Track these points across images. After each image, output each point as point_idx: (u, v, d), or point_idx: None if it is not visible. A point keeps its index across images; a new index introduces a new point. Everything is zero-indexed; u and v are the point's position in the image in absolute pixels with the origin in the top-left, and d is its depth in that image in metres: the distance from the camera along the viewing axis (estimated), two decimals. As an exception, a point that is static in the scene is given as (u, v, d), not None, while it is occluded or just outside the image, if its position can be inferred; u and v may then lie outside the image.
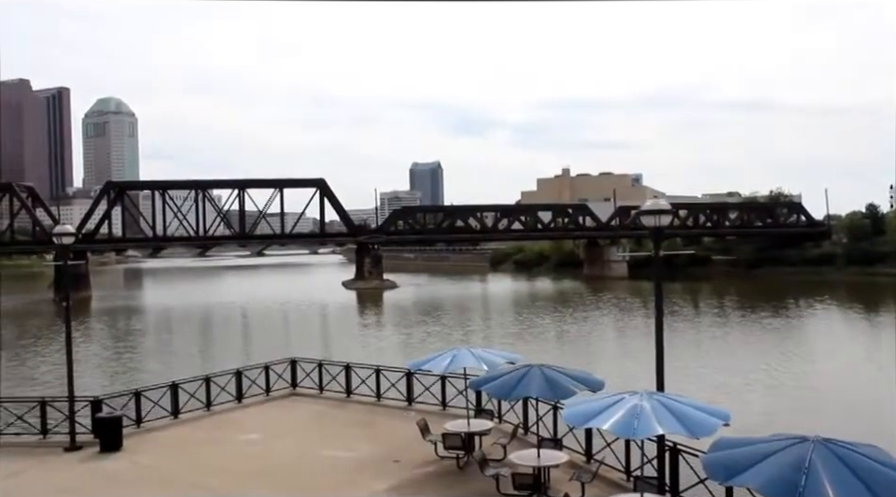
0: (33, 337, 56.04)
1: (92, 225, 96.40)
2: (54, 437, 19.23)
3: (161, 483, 16.21)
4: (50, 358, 44.63)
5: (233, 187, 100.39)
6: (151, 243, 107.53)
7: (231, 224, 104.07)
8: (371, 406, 22.08)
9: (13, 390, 32.36)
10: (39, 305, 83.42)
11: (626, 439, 13.56)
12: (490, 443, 17.07)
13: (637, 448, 14.02)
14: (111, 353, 47.57)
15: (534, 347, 42.58)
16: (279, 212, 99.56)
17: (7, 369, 43.53)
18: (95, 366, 40.79)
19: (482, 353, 16.88)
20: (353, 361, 24.23)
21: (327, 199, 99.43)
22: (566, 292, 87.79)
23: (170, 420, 20.69)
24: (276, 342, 48.50)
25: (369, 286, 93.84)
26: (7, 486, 16.28)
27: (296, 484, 16.00)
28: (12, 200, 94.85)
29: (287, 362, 24.19)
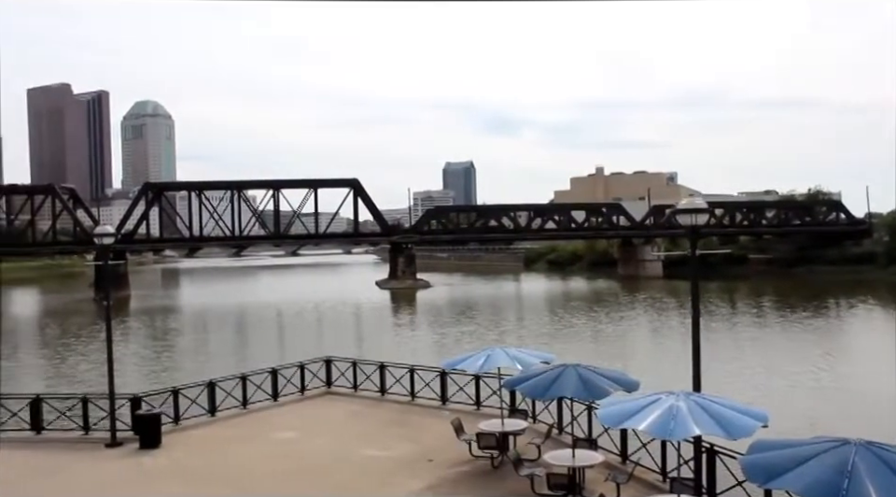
0: (74, 336, 57.09)
1: (131, 226, 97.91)
2: (96, 433, 19.57)
3: (198, 480, 16.42)
4: (91, 356, 45.49)
5: (268, 187, 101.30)
6: (188, 243, 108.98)
7: (265, 224, 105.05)
8: (405, 406, 22.15)
9: (56, 387, 33.07)
10: (80, 304, 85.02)
11: (662, 440, 13.43)
12: (524, 443, 17.03)
13: (673, 449, 13.87)
14: (149, 352, 48.31)
15: (568, 347, 42.37)
16: (313, 212, 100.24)
17: (50, 366, 44.52)
18: (134, 364, 41.43)
19: (516, 353, 16.84)
20: (387, 360, 24.31)
21: (360, 199, 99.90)
22: (600, 292, 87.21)
23: (207, 418, 20.95)
24: (311, 341, 48.91)
25: (402, 285, 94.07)
26: (53, 479, 16.65)
27: (331, 482, 16.11)
28: (54, 201, 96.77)
29: (322, 362, 24.36)
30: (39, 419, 19.92)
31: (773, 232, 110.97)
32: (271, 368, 23.32)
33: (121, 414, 19.59)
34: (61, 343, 54.68)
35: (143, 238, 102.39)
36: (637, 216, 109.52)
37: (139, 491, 15.98)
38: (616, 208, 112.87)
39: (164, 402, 20.41)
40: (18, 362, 46.81)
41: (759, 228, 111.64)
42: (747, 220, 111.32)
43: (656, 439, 12.99)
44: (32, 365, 45.48)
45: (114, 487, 16.22)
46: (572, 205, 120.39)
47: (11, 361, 47.38)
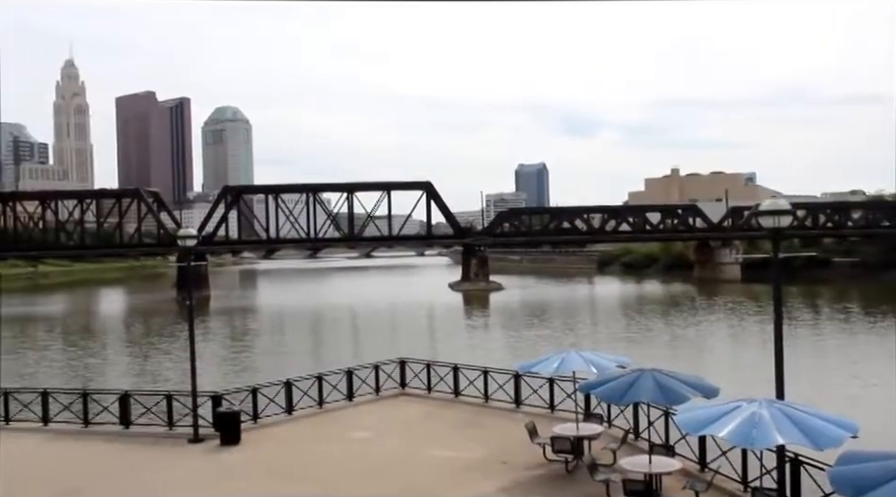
0: (157, 334, 59.15)
1: (211, 228, 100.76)
2: (179, 429, 20.22)
3: (277, 477, 16.80)
4: (173, 354, 47.05)
5: (342, 190, 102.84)
6: (265, 245, 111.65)
7: (340, 226, 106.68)
8: (478, 407, 22.15)
9: (142, 384, 34.35)
10: (163, 304, 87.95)
11: (743, 448, 13.07)
12: (599, 447, 16.84)
13: (754, 458, 13.49)
14: (228, 351, 49.62)
15: (643, 351, 41.65)
16: (387, 214, 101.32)
17: (136, 363, 46.25)
18: (214, 363, 42.58)
19: (591, 356, 16.67)
20: (460, 362, 24.36)
21: (433, 201, 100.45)
22: (676, 295, 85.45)
23: (284, 417, 21.38)
24: (385, 342, 49.38)
25: (475, 288, 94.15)
26: (140, 472, 17.30)
27: (405, 482, 16.25)
28: (140, 205, 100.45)
29: (397, 363, 24.57)
30: (128, 415, 20.71)
31: (859, 233, 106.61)
32: (346, 369, 23.65)
33: (203, 411, 20.17)
34: (145, 341, 56.77)
35: (222, 240, 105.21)
36: (714, 217, 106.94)
37: (221, 486, 16.45)
38: (692, 210, 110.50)
39: (244, 400, 20.93)
40: (105, 360, 48.85)
41: (844, 230, 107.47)
42: (831, 222, 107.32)
43: (737, 447, 12.66)
44: (118, 363, 47.35)
45: (197, 481, 16.74)
46: (647, 207, 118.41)
47: (99, 358, 49.49)
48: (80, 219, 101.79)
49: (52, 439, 20.35)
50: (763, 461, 12.69)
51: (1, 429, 21.21)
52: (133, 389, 23.61)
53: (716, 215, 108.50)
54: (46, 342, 59.51)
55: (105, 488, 16.48)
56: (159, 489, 16.37)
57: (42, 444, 20.00)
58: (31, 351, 52.61)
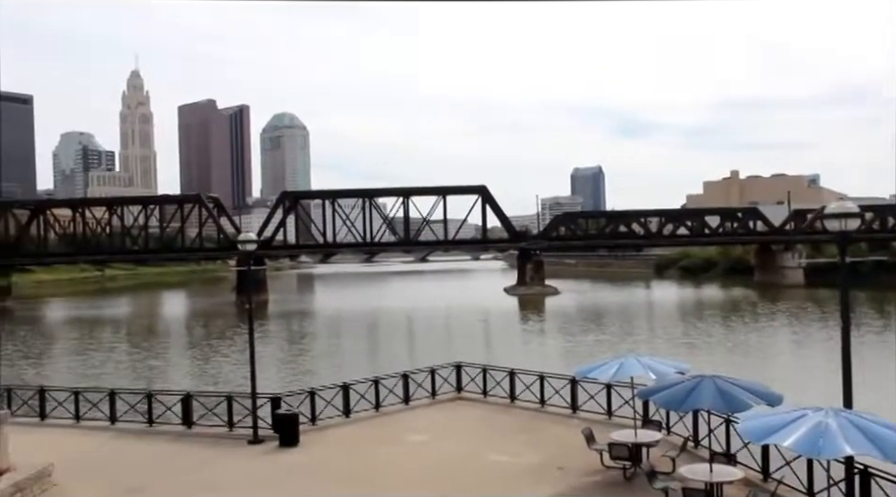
0: (217, 337, 60.37)
1: (269, 232, 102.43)
2: (239, 430, 20.57)
3: (334, 478, 16.97)
4: (232, 356, 47.98)
5: (398, 195, 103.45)
6: (322, 249, 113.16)
7: (396, 231, 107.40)
8: (534, 412, 22.03)
9: (202, 385, 35.10)
10: (223, 307, 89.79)
11: (809, 458, 12.71)
12: (658, 455, 16.57)
13: (821, 469, 13.11)
14: (286, 354, 50.35)
15: (703, 357, 40.95)
16: (442, 219, 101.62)
17: (196, 365, 47.29)
18: (273, 366, 43.24)
19: (649, 362, 16.42)
20: (516, 366, 24.26)
21: (488, 205, 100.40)
22: (736, 300, 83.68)
23: (342, 419, 21.58)
24: (440, 346, 49.52)
25: (530, 292, 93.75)
26: (202, 472, 17.69)
27: (460, 486, 16.25)
28: (201, 210, 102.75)
29: (453, 367, 24.59)
30: (190, 415, 21.18)
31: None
32: (402, 372, 23.78)
33: (262, 413, 20.50)
34: (206, 343, 58.01)
35: (280, 245, 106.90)
36: (776, 221, 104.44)
37: (280, 487, 16.69)
38: (753, 213, 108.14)
39: (302, 402, 21.20)
40: (168, 361, 50.09)
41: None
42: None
43: (802, 457, 12.32)
44: (180, 364, 48.49)
45: (256, 482, 17.02)
46: (706, 210, 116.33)
47: (162, 359, 50.76)
48: (145, 224, 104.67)
49: (119, 437, 20.94)
50: (830, 472, 12.33)
51: (72, 427, 21.94)
52: (194, 390, 24.13)
53: (777, 218, 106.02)
54: (112, 343, 61.32)
55: (169, 486, 16.87)
56: (220, 488, 16.68)
57: (109, 442, 20.59)
58: (98, 352, 54.26)
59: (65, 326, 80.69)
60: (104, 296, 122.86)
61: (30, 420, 22.20)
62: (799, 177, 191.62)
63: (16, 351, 56.41)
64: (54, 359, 52.98)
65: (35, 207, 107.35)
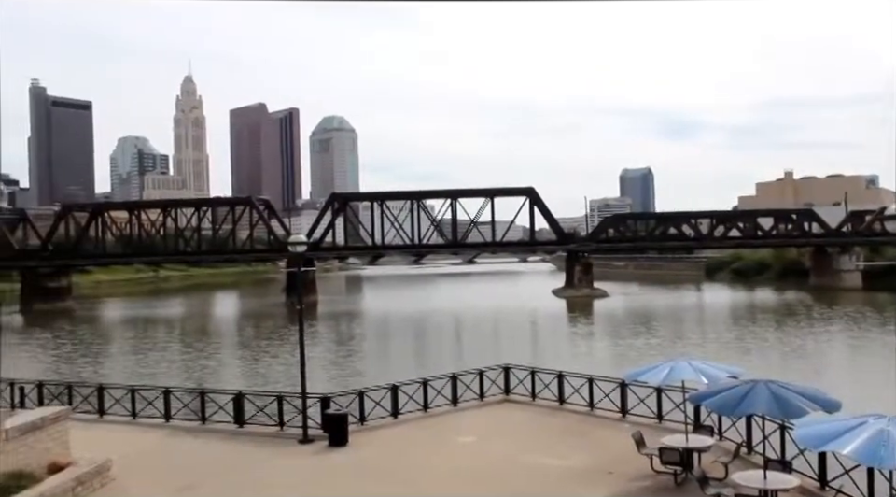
0: (267, 338, 61.24)
1: (319, 234, 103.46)
2: (289, 430, 20.85)
3: (383, 479, 17.07)
4: (281, 357, 48.63)
5: (446, 197, 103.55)
6: (370, 251, 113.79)
7: (443, 233, 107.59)
8: (583, 416, 21.87)
9: (253, 385, 35.62)
10: (273, 308, 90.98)
11: (869, 467, 12.36)
12: (710, 460, 16.30)
13: (882, 479, 12.73)
14: (335, 355, 50.81)
15: (756, 362, 40.13)
16: (490, 221, 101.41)
17: (247, 364, 48.03)
18: (322, 366, 43.70)
19: (701, 366, 16.18)
20: (564, 369, 24.11)
21: (536, 207, 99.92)
22: (790, 304, 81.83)
23: (390, 420, 21.71)
24: (488, 348, 49.45)
25: (578, 294, 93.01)
26: (253, 471, 17.96)
27: (508, 489, 16.22)
28: (252, 212, 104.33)
29: (501, 369, 24.54)
30: (241, 414, 21.52)
31: None
32: (450, 374, 23.82)
33: (312, 412, 20.73)
34: (256, 343, 58.89)
35: (329, 246, 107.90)
36: (832, 222, 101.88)
37: (329, 486, 16.87)
38: (808, 214, 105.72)
39: (351, 403, 21.38)
40: (220, 361, 50.97)
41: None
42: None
43: (862, 466, 11.98)
44: (231, 364, 49.30)
45: (306, 481, 17.23)
46: (759, 212, 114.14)
47: (213, 359, 51.67)
48: (197, 226, 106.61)
49: (173, 435, 21.39)
50: (893, 482, 11.97)
51: (129, 423, 22.50)
52: (245, 389, 24.51)
53: (834, 220, 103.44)
54: (165, 343, 62.66)
55: (221, 483, 17.17)
56: (270, 487, 16.91)
57: (164, 439, 21.05)
58: (152, 351, 55.49)
59: (121, 325, 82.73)
60: (158, 296, 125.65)
61: (89, 417, 22.82)
62: (856, 177, 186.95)
63: (75, 350, 58.07)
64: (111, 357, 54.34)
65: (94, 210, 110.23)
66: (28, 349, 59.75)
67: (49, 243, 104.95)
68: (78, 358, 53.21)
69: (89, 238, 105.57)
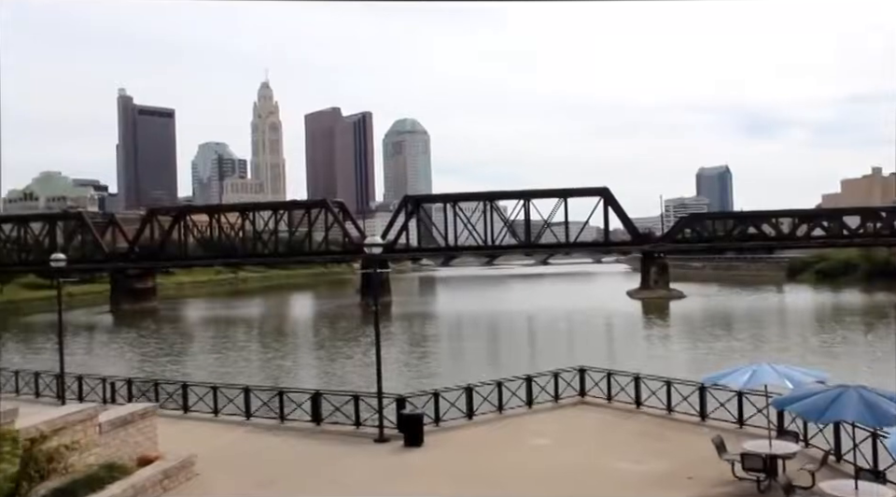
0: (341, 339, 62.19)
1: (392, 236, 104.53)
2: (365, 429, 21.10)
3: (458, 480, 17.11)
4: (356, 357, 49.34)
5: (519, 198, 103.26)
6: (444, 252, 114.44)
7: (516, 234, 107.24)
8: (660, 419, 21.45)
9: (328, 384, 36.23)
10: (348, 309, 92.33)
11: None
12: (795, 468, 15.75)
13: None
14: (409, 356, 51.20)
15: (844, 367, 38.68)
16: (563, 221, 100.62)
17: (322, 364, 48.86)
18: (396, 366, 44.09)
19: (785, 370, 15.66)
20: (640, 371, 23.71)
21: (611, 207, 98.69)
22: (880, 306, 78.52)
23: (465, 421, 21.73)
24: (562, 350, 49.12)
25: (654, 296, 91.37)
26: (330, 468, 18.26)
27: (584, 492, 16.06)
28: (327, 215, 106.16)
29: (576, 371, 24.30)
30: (319, 413, 21.90)
31: None
32: (525, 375, 23.71)
33: (387, 412, 20.92)
34: (331, 344, 59.88)
35: (403, 248, 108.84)
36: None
37: (405, 486, 17.00)
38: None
39: (426, 403, 21.51)
40: (296, 361, 52.03)
41: None
42: None
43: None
44: (307, 364, 50.27)
45: (382, 480, 17.41)
46: (844, 210, 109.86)
47: (290, 358, 52.77)
48: (275, 228, 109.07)
49: (253, 432, 21.92)
50: None
51: (211, 420, 23.17)
52: (322, 388, 24.94)
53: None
54: (244, 342, 64.33)
55: (299, 481, 17.50)
56: (347, 485, 17.15)
57: (244, 436, 21.59)
58: (231, 351, 57.04)
59: (202, 325, 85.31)
60: (237, 297, 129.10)
61: (174, 413, 23.58)
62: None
63: (159, 348, 60.19)
64: (193, 356, 56.10)
65: (177, 214, 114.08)
66: (116, 348, 62.27)
67: (135, 245, 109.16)
68: (162, 356, 55.11)
69: (172, 241, 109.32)
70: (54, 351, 55.66)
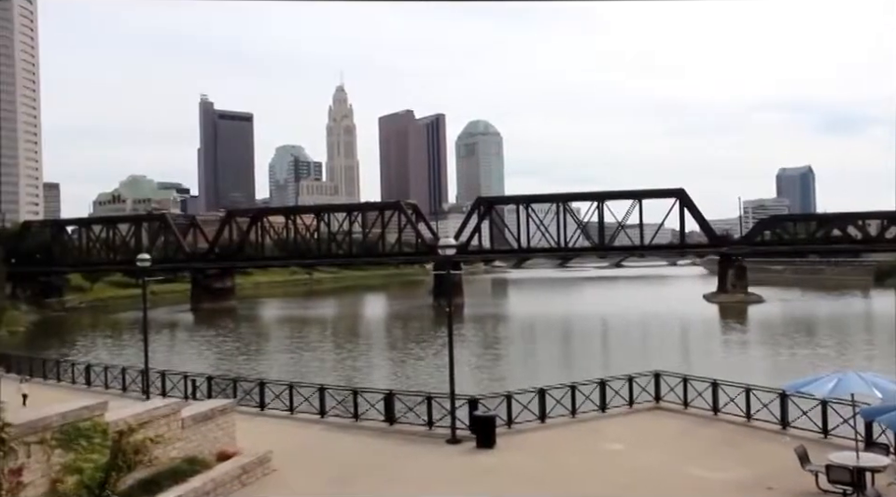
0: (414, 340, 62.64)
1: (465, 237, 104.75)
2: (437, 429, 21.20)
3: (531, 483, 17.02)
4: (427, 358, 49.62)
5: (592, 199, 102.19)
6: (516, 254, 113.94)
7: (590, 236, 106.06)
8: (738, 427, 20.86)
9: (400, 384, 36.55)
10: (420, 310, 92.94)
11: None
12: (885, 482, 15.08)
13: None
14: (481, 357, 51.22)
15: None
16: (638, 223, 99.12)
17: (394, 365, 49.29)
18: (468, 368, 44.17)
19: (874, 379, 15.01)
20: (718, 377, 23.11)
21: (686, 209, 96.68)
22: (976, 313, 74.58)
23: (537, 424, 21.61)
24: (636, 354, 48.30)
25: (732, 299, 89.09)
26: (404, 468, 18.42)
27: (660, 499, 15.77)
28: (400, 216, 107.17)
29: (651, 376, 23.88)
30: (392, 413, 22.12)
31: None
32: (599, 379, 23.43)
33: (459, 414, 20.96)
34: (403, 344, 60.37)
35: (475, 249, 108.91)
36: None
37: (476, 487, 16.98)
38: None
39: (498, 405, 21.47)
40: (369, 361, 52.65)
41: None
42: None
43: None
44: (379, 365, 50.79)
45: (454, 481, 17.45)
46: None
47: (362, 359, 53.43)
48: (349, 230, 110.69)
49: (327, 430, 22.29)
50: None
51: (287, 418, 23.66)
52: (394, 388, 25.17)
53: None
54: (318, 342, 65.46)
55: (373, 480, 17.70)
56: (420, 485, 17.26)
57: (319, 434, 21.97)
58: (305, 351, 58.11)
59: (278, 324, 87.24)
60: (311, 297, 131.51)
61: (251, 410, 24.18)
62: None
63: (236, 347, 61.81)
64: (268, 354, 57.39)
65: (254, 215, 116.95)
66: (195, 345, 64.23)
67: (214, 246, 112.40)
68: (239, 354, 56.58)
69: (249, 242, 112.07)
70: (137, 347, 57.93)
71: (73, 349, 62.27)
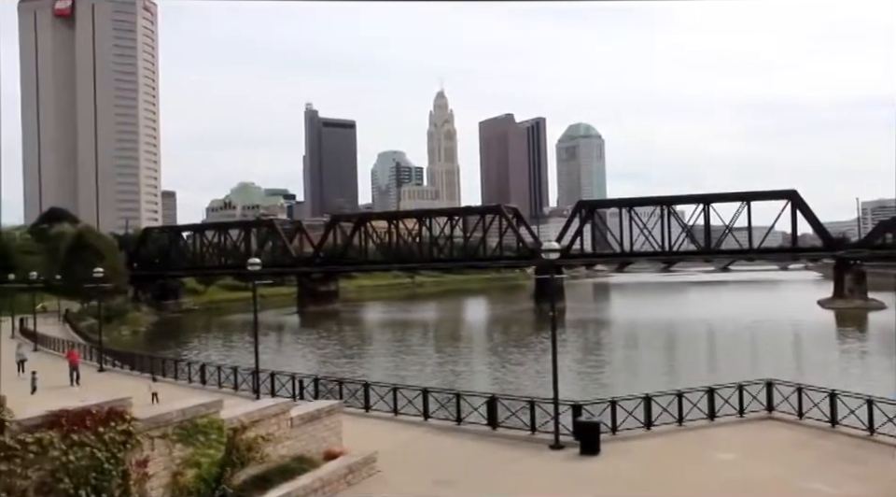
0: (514, 344, 62.48)
1: (566, 241, 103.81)
2: (540, 435, 21.05)
3: (637, 492, 16.65)
4: (527, 363, 49.37)
5: (698, 202, 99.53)
6: (618, 258, 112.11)
7: (695, 239, 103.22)
8: (860, 440, 19.77)
9: (501, 388, 36.54)
10: (521, 314, 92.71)
11: None
12: None
13: None
14: (583, 363, 50.61)
15: None
16: (746, 226, 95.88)
17: (495, 369, 49.31)
18: (571, 373, 43.74)
19: None
20: (837, 387, 21.98)
21: (799, 211, 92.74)
22: None
23: (642, 431, 21.15)
24: (746, 361, 46.71)
25: (850, 306, 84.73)
26: (506, 473, 18.38)
27: (775, 513, 15.14)
28: (501, 220, 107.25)
29: (763, 384, 22.97)
30: (495, 417, 22.12)
31: None
32: (707, 387, 22.73)
33: (563, 420, 20.74)
34: (504, 349, 60.30)
35: (577, 253, 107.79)
36: None
37: (583, 494, 16.77)
38: None
39: (602, 411, 21.13)
40: (469, 365, 52.85)
41: None
42: None
43: None
44: (480, 369, 50.89)
45: (557, 487, 17.27)
46: None
47: (463, 362, 53.67)
48: (450, 234, 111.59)
49: (430, 432, 22.48)
50: None
51: (390, 419, 24.04)
52: (497, 392, 25.15)
53: None
54: (420, 345, 66.24)
55: (476, 483, 17.72)
56: (522, 490, 17.15)
57: (422, 436, 22.20)
58: (407, 354, 58.89)
59: (380, 327, 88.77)
60: (413, 301, 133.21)
61: (356, 411, 24.67)
62: None
63: (340, 349, 63.29)
64: (370, 357, 58.50)
65: (358, 220, 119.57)
66: (301, 347, 66.16)
67: (320, 251, 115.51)
68: (343, 356, 57.89)
69: (353, 246, 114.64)
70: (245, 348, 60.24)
71: (188, 349, 65.32)
